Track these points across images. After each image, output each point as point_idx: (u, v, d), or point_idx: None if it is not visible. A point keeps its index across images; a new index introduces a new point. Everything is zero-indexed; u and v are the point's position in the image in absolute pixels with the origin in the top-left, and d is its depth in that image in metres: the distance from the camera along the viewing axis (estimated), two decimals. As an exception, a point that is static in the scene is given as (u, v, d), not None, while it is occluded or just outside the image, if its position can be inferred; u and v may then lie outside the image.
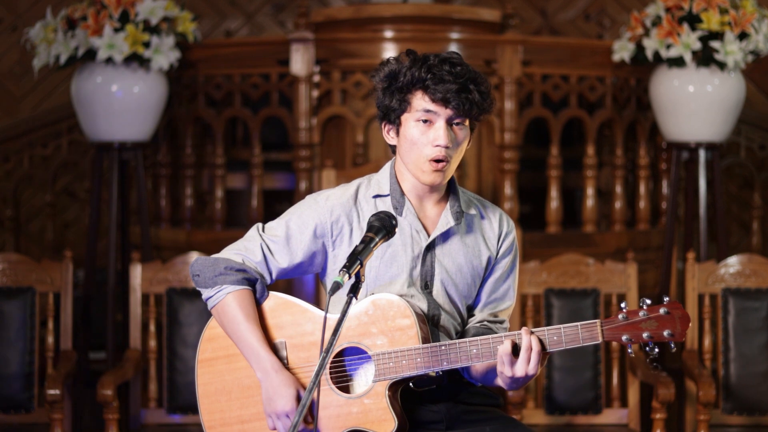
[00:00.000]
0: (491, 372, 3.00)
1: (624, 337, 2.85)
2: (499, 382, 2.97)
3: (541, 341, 2.87)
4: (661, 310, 2.85)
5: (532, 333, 2.87)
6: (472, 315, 3.11)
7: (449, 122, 2.96)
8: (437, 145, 2.94)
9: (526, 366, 2.87)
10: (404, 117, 2.98)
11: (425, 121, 2.96)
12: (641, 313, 2.85)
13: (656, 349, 2.85)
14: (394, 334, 2.95)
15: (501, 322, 3.10)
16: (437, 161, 2.96)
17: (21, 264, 4.73)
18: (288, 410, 2.95)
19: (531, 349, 2.86)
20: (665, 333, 2.84)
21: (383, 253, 3.02)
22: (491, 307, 3.10)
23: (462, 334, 3.09)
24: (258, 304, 3.06)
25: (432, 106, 2.94)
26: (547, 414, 4.66)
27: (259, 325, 3.02)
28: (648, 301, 2.85)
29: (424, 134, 2.96)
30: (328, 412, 2.97)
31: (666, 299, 2.86)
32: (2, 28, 6.99)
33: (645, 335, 2.84)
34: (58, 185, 6.63)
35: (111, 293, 5.29)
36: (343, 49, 5.44)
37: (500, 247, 3.10)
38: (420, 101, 2.95)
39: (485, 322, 3.08)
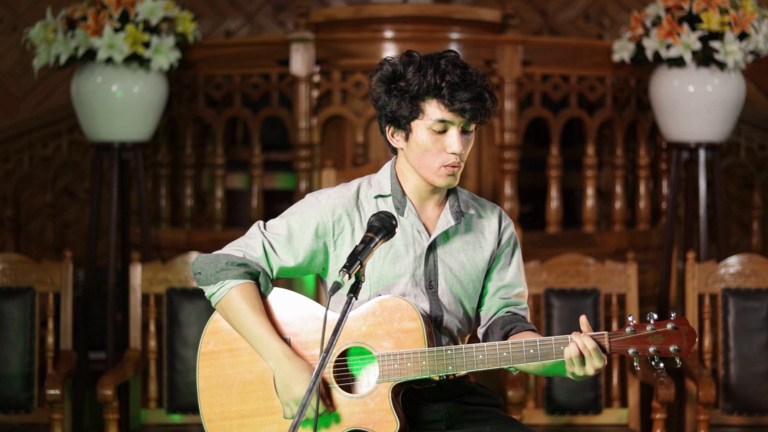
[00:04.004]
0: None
1: (630, 350, 2.88)
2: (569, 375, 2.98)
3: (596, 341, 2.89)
4: (669, 326, 2.88)
5: (571, 339, 2.89)
6: (481, 311, 3.12)
7: (462, 129, 2.97)
8: (452, 153, 2.96)
9: (585, 368, 2.90)
10: (415, 123, 2.98)
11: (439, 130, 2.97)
12: (648, 327, 2.88)
13: (661, 364, 2.88)
14: (400, 336, 2.95)
15: (518, 304, 3.12)
16: (451, 166, 2.98)
17: (21, 264, 4.73)
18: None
19: (586, 349, 2.88)
20: (672, 348, 2.87)
21: (386, 253, 3.03)
22: (502, 293, 3.12)
23: (485, 333, 3.10)
24: (262, 298, 3.06)
25: (448, 116, 2.95)
26: (547, 414, 4.66)
27: (266, 316, 3.02)
28: (655, 316, 2.89)
29: (437, 141, 2.97)
30: (330, 411, 2.97)
31: (673, 314, 2.90)
32: (2, 28, 6.99)
33: (651, 349, 2.87)
34: (58, 185, 6.63)
35: (111, 293, 5.29)
36: (343, 49, 5.44)
37: (500, 239, 3.13)
38: (434, 110, 2.95)
39: (505, 308, 3.10)
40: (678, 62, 5.21)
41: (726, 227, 5.77)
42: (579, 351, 2.87)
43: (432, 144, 2.98)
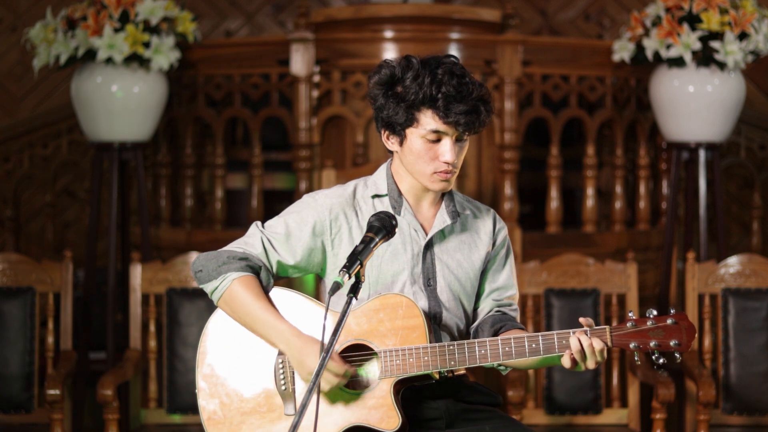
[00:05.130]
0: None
1: (632, 344, 2.92)
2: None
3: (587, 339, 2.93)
4: (669, 321, 2.93)
5: (573, 333, 2.93)
6: (476, 310, 3.15)
7: (455, 138, 2.98)
8: (445, 161, 2.97)
9: (586, 363, 2.94)
10: (409, 131, 3.00)
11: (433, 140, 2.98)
12: (649, 322, 2.93)
13: (661, 359, 2.92)
14: (403, 332, 2.97)
15: (509, 305, 3.16)
16: (444, 172, 3.00)
17: (21, 264, 4.73)
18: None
19: (582, 349, 2.92)
20: (672, 342, 2.92)
21: (384, 252, 3.04)
22: (495, 295, 3.15)
23: (476, 330, 3.12)
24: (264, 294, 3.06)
25: (442, 127, 2.97)
26: (547, 414, 4.66)
27: (269, 302, 3.03)
28: (654, 312, 2.93)
29: (431, 150, 2.99)
30: (331, 409, 2.98)
31: (673, 310, 2.94)
32: (2, 28, 6.99)
33: (652, 343, 2.92)
34: (58, 185, 6.63)
35: (111, 293, 5.29)
36: (343, 49, 5.44)
37: (495, 240, 3.16)
38: (429, 120, 2.97)
39: (496, 308, 3.13)
40: (678, 62, 5.21)
41: (726, 227, 5.76)
42: (580, 347, 2.89)
43: (425, 152, 2.99)
